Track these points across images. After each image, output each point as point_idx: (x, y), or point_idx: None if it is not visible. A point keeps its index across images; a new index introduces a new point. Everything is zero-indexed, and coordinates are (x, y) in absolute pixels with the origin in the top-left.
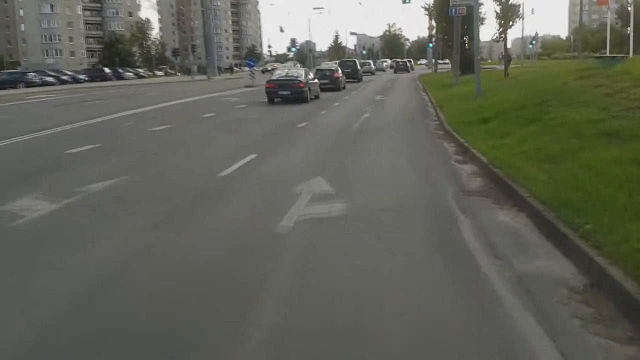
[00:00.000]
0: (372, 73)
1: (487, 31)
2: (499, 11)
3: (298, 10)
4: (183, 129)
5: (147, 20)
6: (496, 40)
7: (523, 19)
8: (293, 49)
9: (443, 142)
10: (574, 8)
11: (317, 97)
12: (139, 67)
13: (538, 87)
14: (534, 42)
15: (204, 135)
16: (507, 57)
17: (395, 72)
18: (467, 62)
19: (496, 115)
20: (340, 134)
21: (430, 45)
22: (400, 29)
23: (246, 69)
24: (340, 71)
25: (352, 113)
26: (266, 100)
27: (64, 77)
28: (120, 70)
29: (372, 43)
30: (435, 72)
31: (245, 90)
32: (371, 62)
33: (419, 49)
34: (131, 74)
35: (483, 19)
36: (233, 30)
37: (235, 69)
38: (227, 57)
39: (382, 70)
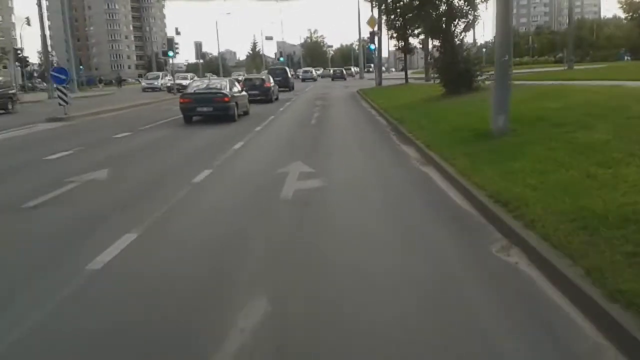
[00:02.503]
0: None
1: None
2: None
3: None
4: None
5: None
6: None
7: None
8: (198, 60)
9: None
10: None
11: (246, 112)
12: None
13: None
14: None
15: None
16: None
17: (332, 79)
18: (456, 73)
19: None
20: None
21: (373, 47)
22: (322, 35)
23: (138, 81)
24: (272, 80)
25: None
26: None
27: None
28: None
29: (293, 51)
30: (379, 85)
31: (44, 128)
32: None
33: (343, 57)
34: None
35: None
36: (135, 37)
37: (130, 80)
38: (129, 67)
39: (312, 79)
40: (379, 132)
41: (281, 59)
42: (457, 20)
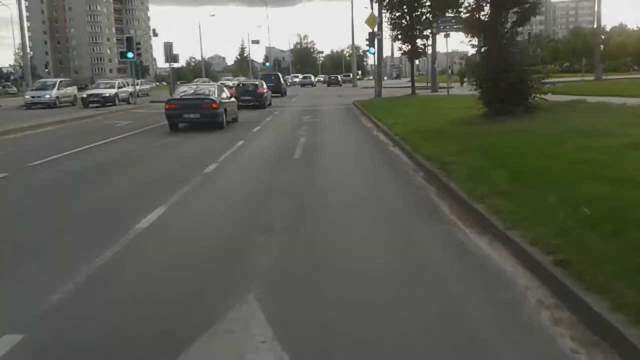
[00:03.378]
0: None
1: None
2: None
3: (195, 18)
4: None
5: None
6: None
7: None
8: (169, 63)
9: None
10: None
11: (235, 119)
12: None
13: None
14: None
15: None
16: None
17: (328, 85)
18: (505, 85)
19: None
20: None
21: (372, 50)
22: (312, 41)
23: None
24: (264, 86)
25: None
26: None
27: None
28: None
29: (282, 57)
30: (379, 96)
31: None
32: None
33: (334, 64)
34: None
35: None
36: (118, 40)
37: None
38: (111, 71)
39: (311, 84)
40: (414, 195)
41: (267, 64)
42: (508, 9)
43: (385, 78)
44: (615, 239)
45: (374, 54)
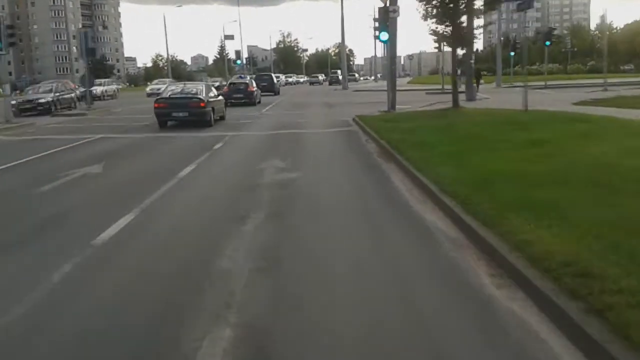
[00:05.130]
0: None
1: None
2: None
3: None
4: None
5: None
6: None
7: None
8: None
9: None
10: None
11: (222, 117)
12: None
13: None
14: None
15: None
16: None
17: (330, 84)
18: None
19: None
20: None
21: (384, 34)
22: (296, 39)
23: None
24: (254, 85)
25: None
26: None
27: None
28: None
29: (265, 56)
30: (393, 109)
31: None
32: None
33: (319, 63)
34: None
35: None
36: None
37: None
38: (77, 71)
39: (319, 82)
40: None
41: (238, 62)
42: None
43: (371, 78)
44: None
45: (386, 42)
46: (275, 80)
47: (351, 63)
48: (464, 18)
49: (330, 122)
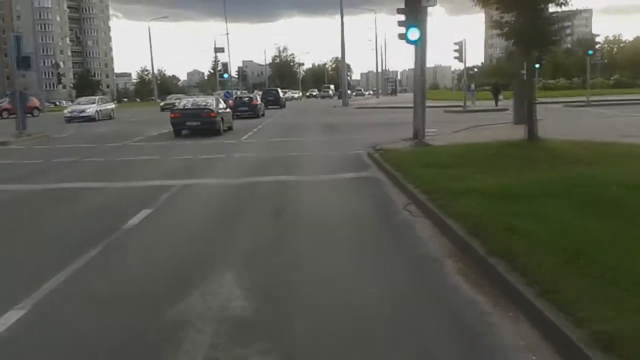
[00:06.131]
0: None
1: None
2: None
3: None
4: None
5: None
6: None
7: None
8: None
9: None
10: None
11: (230, 127)
12: None
13: None
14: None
15: None
16: None
17: (322, 98)
18: None
19: None
20: None
21: (413, 32)
22: (292, 54)
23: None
24: (259, 99)
25: None
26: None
27: None
28: None
29: (261, 71)
30: (416, 139)
31: None
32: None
33: (315, 78)
34: None
35: None
36: (74, 52)
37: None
38: (64, 87)
39: (329, 96)
40: None
41: (225, 75)
42: None
43: (367, 92)
44: None
45: (416, 42)
46: (281, 94)
47: (348, 77)
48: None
49: (336, 158)
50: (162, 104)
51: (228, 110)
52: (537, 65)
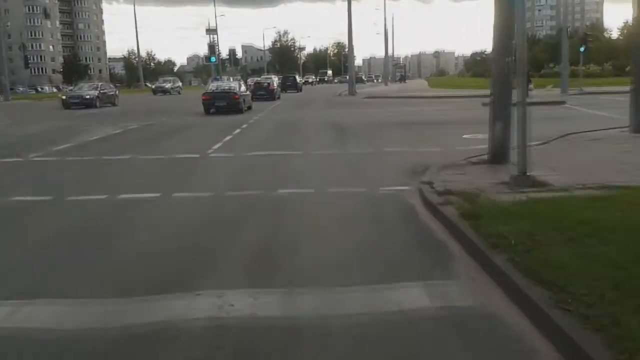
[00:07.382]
0: None
1: None
2: None
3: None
4: None
5: None
6: None
7: None
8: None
9: None
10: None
11: (250, 107)
12: None
13: None
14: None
15: None
16: None
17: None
18: None
19: None
20: None
21: None
22: (293, 39)
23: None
24: (275, 84)
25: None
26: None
27: None
28: None
29: (260, 56)
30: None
31: None
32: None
33: (317, 63)
34: None
35: None
36: (64, 35)
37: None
38: (54, 71)
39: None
40: None
41: (212, 58)
42: None
43: (372, 81)
44: None
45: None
46: (298, 80)
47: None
48: None
49: (363, 206)
50: (153, 87)
51: (248, 92)
52: (582, 49)
